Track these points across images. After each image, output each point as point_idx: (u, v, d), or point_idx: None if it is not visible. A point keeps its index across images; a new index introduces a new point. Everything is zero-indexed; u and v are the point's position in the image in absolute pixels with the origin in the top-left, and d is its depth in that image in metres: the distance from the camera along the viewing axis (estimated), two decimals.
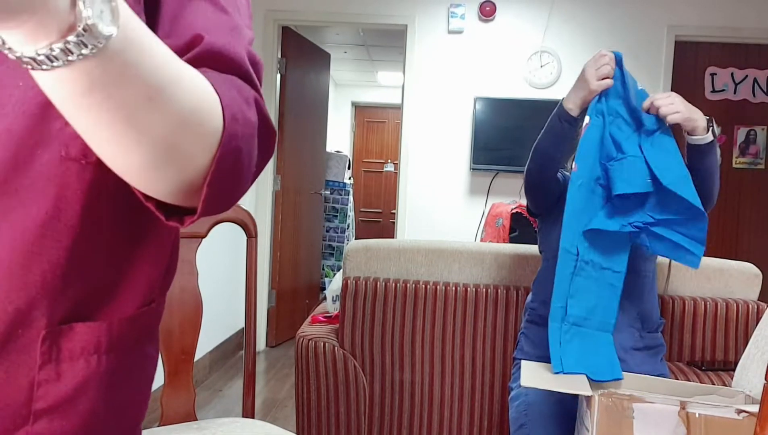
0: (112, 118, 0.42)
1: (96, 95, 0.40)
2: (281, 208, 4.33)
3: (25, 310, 0.52)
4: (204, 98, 0.47)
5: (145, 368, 0.65)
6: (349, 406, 1.98)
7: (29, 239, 0.51)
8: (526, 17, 4.09)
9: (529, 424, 1.51)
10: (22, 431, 0.53)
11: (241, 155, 0.51)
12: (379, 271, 2.04)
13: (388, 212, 8.05)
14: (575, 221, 1.49)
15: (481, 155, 4.04)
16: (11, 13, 0.34)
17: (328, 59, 5.07)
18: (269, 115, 0.57)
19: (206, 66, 0.53)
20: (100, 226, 0.55)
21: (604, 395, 1.21)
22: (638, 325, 1.65)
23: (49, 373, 0.54)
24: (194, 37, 0.54)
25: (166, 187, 0.48)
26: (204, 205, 0.50)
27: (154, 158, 0.45)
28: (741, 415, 1.16)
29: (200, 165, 0.48)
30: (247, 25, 0.63)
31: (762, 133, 4.14)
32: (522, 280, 2.01)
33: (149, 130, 0.44)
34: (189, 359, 1.47)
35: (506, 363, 1.96)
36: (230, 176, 0.51)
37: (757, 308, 1.97)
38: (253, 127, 0.53)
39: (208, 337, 3.47)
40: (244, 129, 0.51)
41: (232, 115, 0.49)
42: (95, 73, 0.39)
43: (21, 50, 0.37)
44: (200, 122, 0.47)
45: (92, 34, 0.37)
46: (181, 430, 1.35)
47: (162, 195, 0.49)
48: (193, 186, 0.49)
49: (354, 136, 8.37)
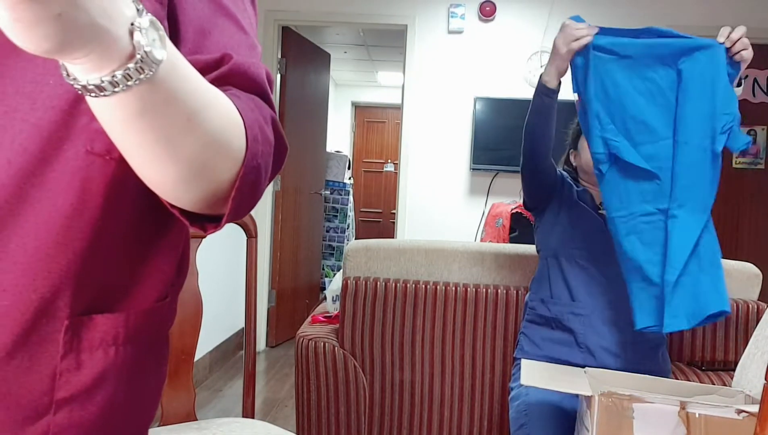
0: (156, 138, 0.45)
1: (146, 117, 0.44)
2: (281, 208, 4.33)
3: (49, 300, 0.54)
4: (231, 120, 0.51)
5: (159, 364, 0.67)
6: (349, 406, 1.98)
7: (55, 230, 0.53)
8: (527, 17, 4.09)
9: (529, 424, 1.51)
10: (44, 420, 0.54)
11: (260, 171, 0.55)
12: (379, 271, 2.04)
13: (388, 212, 8.05)
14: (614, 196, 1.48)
15: (481, 155, 4.04)
16: (82, 46, 0.37)
17: (328, 59, 5.07)
18: (283, 131, 0.61)
19: (231, 84, 0.57)
20: (122, 220, 0.58)
21: (604, 395, 1.21)
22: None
23: (71, 362, 0.55)
24: (223, 57, 0.58)
25: (191, 199, 0.52)
26: (228, 217, 0.54)
27: (186, 175, 0.49)
28: (741, 415, 1.16)
29: (225, 180, 0.52)
30: (255, 35, 0.67)
31: (762, 133, 4.14)
32: (522, 280, 2.01)
33: (185, 149, 0.47)
34: (189, 359, 1.47)
35: (506, 363, 1.96)
36: (251, 190, 0.55)
37: (757, 308, 1.97)
38: (271, 145, 0.57)
39: (209, 337, 3.47)
40: (263, 147, 0.55)
41: (254, 135, 0.53)
42: (147, 96, 0.42)
43: (86, 78, 0.40)
44: (228, 142, 0.50)
45: (148, 60, 0.40)
46: (182, 430, 1.36)
47: (186, 205, 0.53)
48: (217, 198, 0.53)
49: (354, 136, 8.37)
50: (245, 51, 0.61)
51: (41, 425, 0.54)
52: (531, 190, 1.78)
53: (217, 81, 0.56)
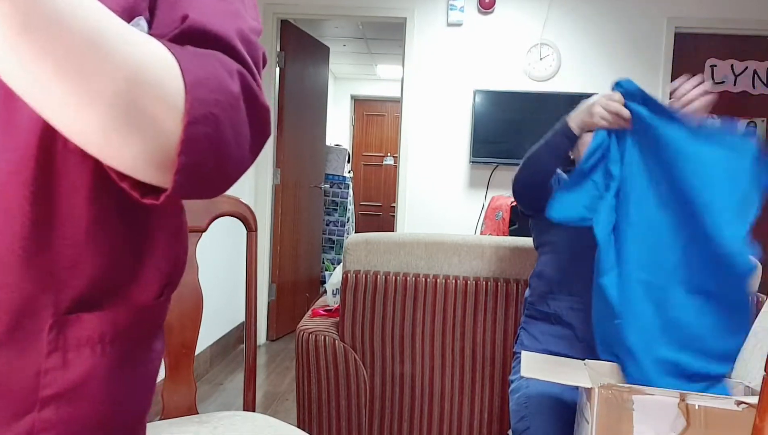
0: (56, 67, 0.40)
1: (35, 35, 0.39)
2: (281, 201, 4.33)
3: (32, 299, 0.53)
4: (157, 58, 0.45)
5: (150, 361, 0.66)
6: (349, 399, 1.98)
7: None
8: (526, 9, 4.08)
9: (530, 417, 1.51)
10: (29, 417, 0.54)
11: (220, 125, 0.49)
12: (379, 265, 2.04)
13: (387, 206, 8.05)
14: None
15: (481, 148, 4.04)
16: None
17: (327, 52, 5.06)
18: (260, 90, 0.55)
19: (190, 43, 0.51)
20: (106, 218, 0.56)
21: (604, 387, 1.21)
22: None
23: (56, 361, 0.55)
24: (181, 18, 0.53)
25: (133, 156, 0.46)
26: (178, 177, 0.47)
27: (113, 121, 0.43)
28: (741, 406, 1.16)
29: (168, 130, 0.46)
30: (253, 16, 0.61)
31: (762, 125, 4.13)
32: (522, 273, 2.02)
33: (99, 83, 0.42)
34: (190, 353, 1.47)
35: (506, 355, 1.96)
36: (210, 147, 0.48)
37: (756, 300, 1.97)
38: (234, 96, 0.50)
39: (209, 331, 3.47)
40: (218, 96, 0.49)
41: (196, 79, 0.47)
42: (22, 2, 0.38)
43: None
44: (158, 81, 0.45)
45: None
46: (183, 424, 1.36)
47: (131, 167, 0.47)
48: (168, 158, 0.47)
49: (353, 130, 8.36)
50: (216, 14, 0.55)
51: (26, 422, 0.54)
52: (527, 206, 1.78)
53: (174, 41, 0.51)
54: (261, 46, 0.59)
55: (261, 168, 4.20)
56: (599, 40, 4.03)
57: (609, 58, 4.01)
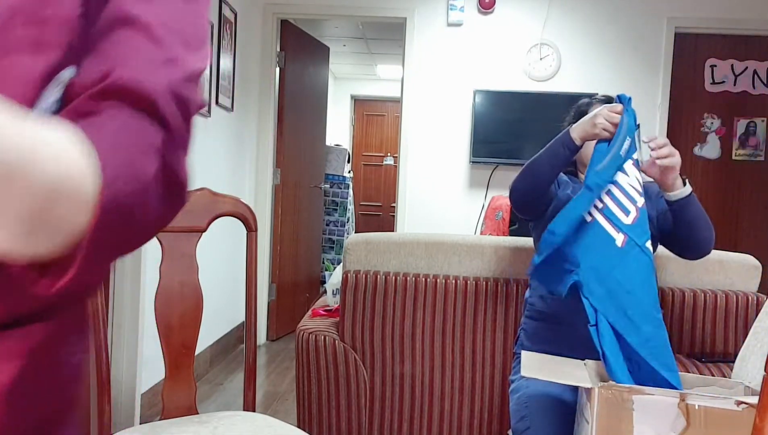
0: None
1: None
2: (281, 202, 4.33)
3: None
4: (73, 167, 0.43)
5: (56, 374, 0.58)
6: (349, 398, 1.98)
7: None
8: (526, 9, 4.08)
9: (530, 416, 1.51)
10: None
11: (129, 214, 0.47)
12: (379, 265, 2.04)
13: (387, 206, 8.05)
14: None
15: (481, 148, 4.04)
16: None
17: (327, 52, 5.06)
18: (182, 163, 0.52)
19: (114, 99, 0.49)
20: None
21: (604, 387, 1.21)
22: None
23: None
24: (104, 73, 0.49)
25: (35, 253, 0.44)
26: (80, 267, 0.45)
27: (17, 232, 0.41)
28: (741, 406, 1.16)
29: (76, 226, 0.44)
30: (200, 53, 0.56)
31: (762, 124, 4.13)
32: (522, 273, 2.01)
33: (8, 207, 0.40)
34: (190, 353, 1.48)
35: (506, 355, 1.96)
36: (115, 235, 0.47)
37: (756, 300, 1.97)
38: (146, 181, 0.48)
39: (209, 331, 3.47)
40: (133, 186, 0.47)
41: (112, 175, 0.45)
42: None
43: None
44: (70, 193, 0.42)
45: None
46: (183, 424, 1.36)
47: (30, 259, 0.45)
48: (71, 244, 0.44)
49: (353, 130, 8.36)
50: (146, 64, 0.51)
51: None
52: (525, 214, 1.80)
53: (95, 99, 0.48)
54: (197, 97, 0.55)
55: (261, 168, 4.20)
56: (599, 40, 4.03)
57: (609, 58, 4.01)
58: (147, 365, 2.65)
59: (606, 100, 1.77)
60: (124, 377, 2.58)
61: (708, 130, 4.16)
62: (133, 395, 2.61)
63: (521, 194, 1.70)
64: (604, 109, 1.54)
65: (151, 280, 2.48)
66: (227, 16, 3.58)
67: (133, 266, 2.57)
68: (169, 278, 1.45)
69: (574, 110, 1.84)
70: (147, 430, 1.33)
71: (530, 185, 1.68)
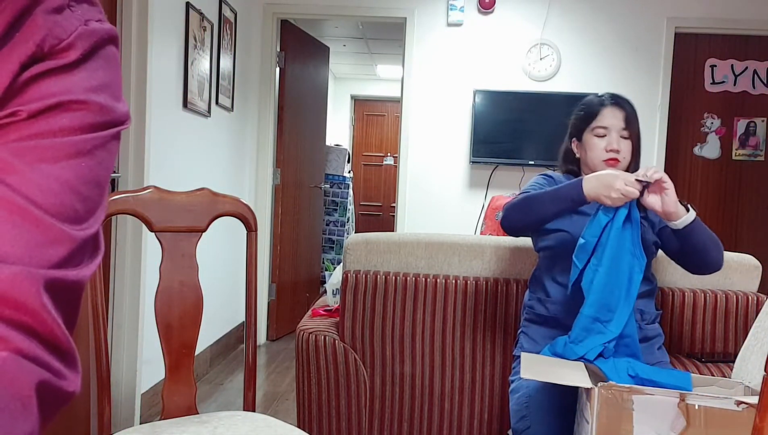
0: None
1: None
2: (281, 202, 4.33)
3: None
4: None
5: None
6: (349, 398, 1.98)
7: None
8: (526, 9, 4.08)
9: (530, 416, 1.51)
10: None
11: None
12: (379, 265, 2.04)
13: (387, 206, 8.05)
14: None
15: (481, 148, 4.04)
16: None
17: (327, 53, 5.06)
18: (65, 394, 0.44)
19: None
20: None
21: (604, 387, 1.21)
22: (638, 317, 1.66)
23: None
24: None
25: None
26: None
27: None
28: (741, 406, 1.16)
29: None
30: (93, 196, 0.47)
31: (762, 124, 4.13)
32: (522, 273, 2.02)
33: None
34: (190, 353, 1.47)
35: (506, 356, 1.96)
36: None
37: (756, 300, 1.97)
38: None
39: (209, 331, 3.47)
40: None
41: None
42: None
43: None
44: None
45: None
46: (183, 424, 1.36)
47: None
48: None
49: (353, 130, 8.36)
50: (9, 251, 0.41)
51: None
52: (513, 235, 1.81)
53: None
54: (79, 278, 0.46)
55: (261, 168, 4.20)
56: (599, 40, 4.03)
57: (609, 58, 4.01)
58: (147, 365, 2.66)
59: (614, 98, 1.75)
60: (124, 377, 2.58)
61: (708, 130, 4.16)
62: (133, 395, 2.61)
63: (515, 223, 1.69)
64: (622, 181, 1.48)
65: (151, 280, 2.48)
66: (227, 16, 3.58)
67: (133, 266, 2.57)
68: (169, 278, 1.45)
69: (583, 109, 1.79)
70: (147, 430, 1.33)
71: (528, 220, 1.67)
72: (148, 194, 1.43)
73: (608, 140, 1.70)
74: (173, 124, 2.91)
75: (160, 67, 2.72)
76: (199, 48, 3.17)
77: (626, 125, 1.71)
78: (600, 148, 1.70)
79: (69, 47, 0.46)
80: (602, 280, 1.50)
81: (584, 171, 1.80)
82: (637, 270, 1.52)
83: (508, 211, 1.68)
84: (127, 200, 1.40)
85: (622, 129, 1.70)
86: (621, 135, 1.70)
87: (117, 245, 2.56)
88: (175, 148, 2.96)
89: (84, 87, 0.47)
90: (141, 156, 2.57)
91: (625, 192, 1.47)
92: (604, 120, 1.71)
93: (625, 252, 1.51)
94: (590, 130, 1.73)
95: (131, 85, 2.54)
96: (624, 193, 1.47)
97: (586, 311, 1.50)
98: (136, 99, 2.55)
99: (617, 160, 1.70)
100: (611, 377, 1.36)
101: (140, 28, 2.55)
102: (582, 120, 1.77)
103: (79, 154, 0.46)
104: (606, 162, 1.70)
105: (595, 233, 1.52)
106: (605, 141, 1.70)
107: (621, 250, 1.50)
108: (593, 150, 1.72)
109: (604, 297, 1.49)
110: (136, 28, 2.54)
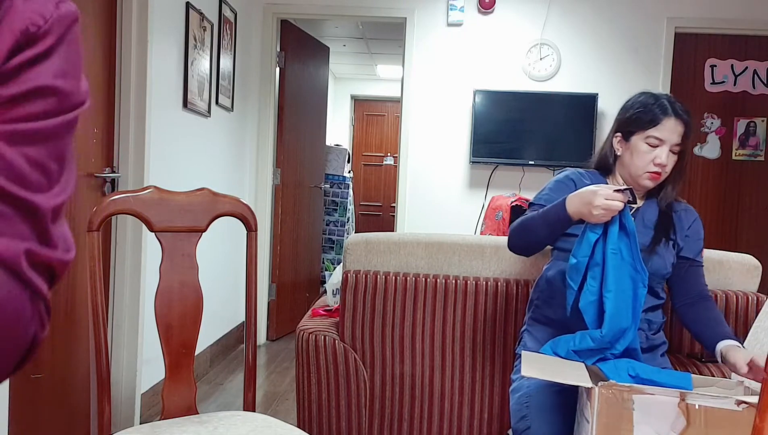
0: None
1: None
2: (281, 201, 4.33)
3: None
4: None
5: None
6: (349, 398, 1.98)
7: None
8: (526, 9, 4.08)
9: (531, 416, 1.51)
10: None
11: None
12: (379, 265, 2.04)
13: (387, 206, 8.05)
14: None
15: (481, 148, 4.04)
16: None
17: (327, 52, 5.06)
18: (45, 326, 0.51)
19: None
20: None
21: (605, 387, 1.21)
22: (645, 327, 1.65)
23: None
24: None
25: None
26: None
27: None
28: (741, 406, 1.16)
29: None
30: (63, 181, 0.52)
31: (762, 124, 4.13)
32: (522, 273, 2.01)
33: None
34: (189, 353, 1.47)
35: (506, 355, 1.96)
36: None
37: (756, 300, 1.97)
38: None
39: (209, 331, 3.47)
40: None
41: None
42: None
43: None
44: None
45: None
46: (183, 424, 1.36)
47: None
48: None
49: (353, 130, 8.36)
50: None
51: None
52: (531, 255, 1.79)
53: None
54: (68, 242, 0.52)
55: (261, 168, 4.20)
56: (599, 40, 4.03)
57: (609, 58, 4.01)
58: (147, 365, 2.66)
59: (677, 109, 1.61)
60: (124, 377, 2.58)
61: (708, 130, 4.16)
62: (133, 395, 2.61)
63: (519, 250, 1.70)
64: (603, 197, 1.42)
65: (151, 280, 2.48)
66: (227, 16, 3.58)
67: (133, 266, 2.57)
68: (169, 278, 1.45)
69: (641, 111, 1.64)
70: (147, 430, 1.33)
71: (528, 245, 1.67)
72: (148, 194, 1.43)
73: (658, 153, 1.59)
74: (173, 124, 2.91)
75: (160, 67, 2.72)
76: (199, 48, 3.17)
77: (681, 141, 1.61)
78: (648, 159, 1.61)
79: (45, 34, 0.49)
80: (612, 308, 1.45)
81: (619, 170, 1.71)
82: (640, 285, 1.48)
83: (510, 236, 1.69)
84: (127, 200, 1.40)
85: (675, 144, 1.60)
86: (672, 150, 1.60)
87: (117, 245, 2.56)
88: (175, 148, 2.96)
89: (55, 72, 0.50)
90: (141, 156, 2.57)
91: (605, 206, 1.42)
92: (662, 132, 1.59)
93: (625, 272, 1.47)
94: (643, 137, 1.61)
95: (131, 85, 2.54)
96: (606, 208, 1.42)
97: (596, 335, 1.45)
98: (136, 99, 2.55)
99: (660, 175, 1.62)
100: (611, 377, 1.36)
101: (140, 28, 2.55)
102: (637, 123, 1.63)
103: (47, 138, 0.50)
104: (649, 174, 1.62)
105: (585, 253, 1.48)
106: (655, 152, 1.60)
107: (622, 271, 1.47)
108: (640, 157, 1.62)
109: (616, 324, 1.45)
110: (136, 28, 2.54)
